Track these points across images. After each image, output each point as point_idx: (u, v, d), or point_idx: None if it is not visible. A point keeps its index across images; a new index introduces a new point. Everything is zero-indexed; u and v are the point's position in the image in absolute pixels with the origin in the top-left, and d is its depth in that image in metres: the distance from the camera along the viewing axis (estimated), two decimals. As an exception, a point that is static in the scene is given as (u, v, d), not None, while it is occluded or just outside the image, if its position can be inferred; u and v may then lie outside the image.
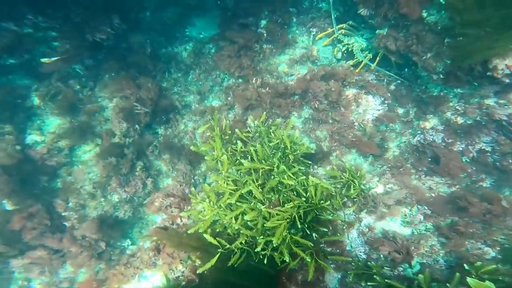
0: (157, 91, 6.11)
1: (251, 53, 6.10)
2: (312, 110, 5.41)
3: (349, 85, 5.27)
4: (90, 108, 6.56)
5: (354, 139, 5.02)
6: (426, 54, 4.46)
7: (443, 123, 4.67)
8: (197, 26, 7.19)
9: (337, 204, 4.24)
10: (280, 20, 6.25)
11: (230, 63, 6.18)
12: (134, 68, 6.50)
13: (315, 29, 6.22)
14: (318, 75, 5.37)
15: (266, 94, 5.54)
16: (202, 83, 6.39)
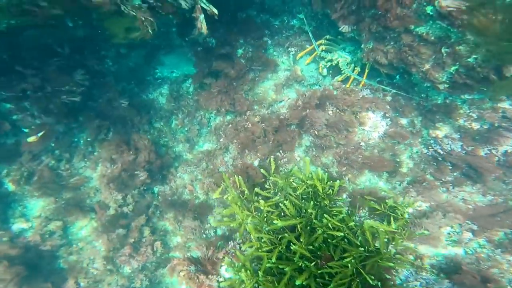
0: (153, 149, 5.61)
1: (235, 84, 5.67)
2: (313, 137, 5.09)
3: (347, 106, 4.97)
4: (74, 183, 6.04)
5: (365, 161, 4.75)
6: (423, 65, 4.20)
7: (457, 131, 4.47)
8: (167, 64, 6.66)
9: (398, 244, 3.74)
10: (257, 46, 5.85)
11: (213, 100, 5.74)
12: (113, 127, 5.96)
13: (293, 48, 5.86)
14: (312, 101, 5.04)
15: (261, 128, 5.16)
16: (188, 128, 5.92)
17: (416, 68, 4.31)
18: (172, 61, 6.66)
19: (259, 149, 5.17)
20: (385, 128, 4.90)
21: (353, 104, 4.94)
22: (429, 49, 4.11)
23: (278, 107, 5.52)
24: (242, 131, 5.31)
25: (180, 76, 6.40)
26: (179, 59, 6.62)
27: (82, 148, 6.08)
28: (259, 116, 5.30)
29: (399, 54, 4.43)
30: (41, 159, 5.97)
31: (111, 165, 5.77)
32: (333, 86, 5.32)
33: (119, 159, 5.72)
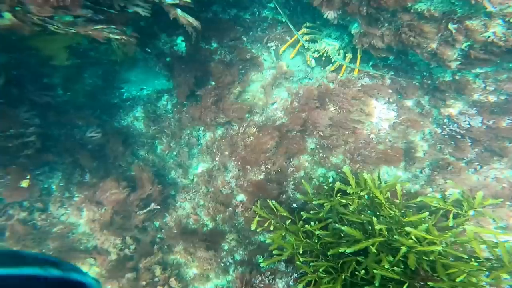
0: (149, 180, 4.96)
1: (219, 94, 5.04)
2: (317, 139, 4.65)
3: (349, 100, 4.53)
4: (59, 231, 5.34)
5: (379, 154, 4.40)
6: (429, 45, 3.80)
7: (472, 106, 4.17)
8: (134, 81, 5.84)
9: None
10: (232, 47, 5.18)
11: (198, 115, 5.10)
12: (89, 165, 5.21)
13: (272, 43, 5.25)
14: (311, 102, 4.55)
15: (261, 140, 4.64)
16: (177, 152, 5.28)
17: (421, 49, 3.91)
18: (138, 77, 5.85)
19: (262, 162, 4.67)
20: (393, 114, 4.53)
21: (355, 96, 4.50)
22: (433, 27, 3.69)
23: (272, 111, 4.99)
24: (241, 147, 4.76)
25: (152, 93, 5.64)
26: (146, 73, 5.81)
27: (56, 194, 5.33)
28: (255, 127, 4.76)
29: (397, 36, 4.00)
30: (8, 214, 5.24)
31: (99, 209, 5.09)
32: (328, 79, 4.84)
33: (106, 200, 5.04)
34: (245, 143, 4.73)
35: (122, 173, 5.20)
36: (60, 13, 3.52)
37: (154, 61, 5.39)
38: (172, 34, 5.18)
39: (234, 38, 5.21)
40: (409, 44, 3.90)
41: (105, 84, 5.66)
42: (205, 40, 5.10)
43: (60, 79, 5.42)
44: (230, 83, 4.89)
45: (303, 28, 5.01)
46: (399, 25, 3.90)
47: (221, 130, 5.13)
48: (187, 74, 5.02)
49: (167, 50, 5.22)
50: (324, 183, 4.78)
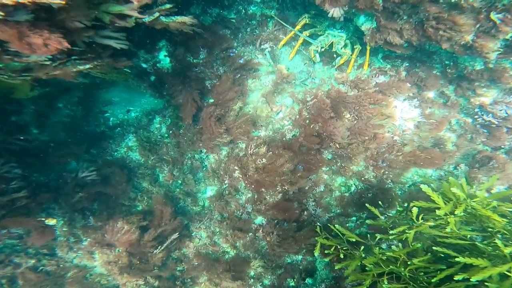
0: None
1: (218, 112, 4.32)
2: (334, 150, 4.08)
3: (366, 104, 3.88)
4: (74, 276, 4.96)
5: (408, 158, 3.87)
6: (463, 38, 3.11)
7: (509, 94, 3.58)
8: (117, 102, 5.06)
9: None
10: (223, 54, 4.38)
11: (199, 137, 4.44)
12: (90, 206, 4.65)
13: (267, 44, 4.44)
14: (323, 111, 3.90)
15: (276, 163, 4.05)
16: (181, 180, 4.68)
17: (451, 43, 3.22)
18: (121, 96, 5.05)
19: (278, 184, 4.13)
20: (417, 112, 3.94)
21: (372, 98, 3.86)
22: (469, 18, 2.98)
23: (278, 122, 4.34)
24: (252, 169, 4.17)
25: (141, 115, 4.89)
26: (129, 91, 5.01)
27: (62, 240, 4.82)
28: (264, 145, 4.14)
29: (419, 30, 3.28)
30: (14, 262, 4.80)
31: (112, 251, 4.60)
32: (337, 80, 4.15)
33: (118, 242, 4.53)
34: (257, 165, 4.14)
35: (127, 210, 4.64)
36: (5, 60, 2.71)
37: (137, 81, 4.59)
38: (152, 49, 4.34)
39: (225, 48, 4.37)
40: (437, 39, 3.21)
41: (85, 112, 4.87)
42: (192, 52, 4.29)
43: (31, 116, 4.60)
44: (231, 99, 4.17)
45: (302, 18, 4.20)
46: (423, 18, 3.17)
47: (226, 150, 4.50)
48: (175, 94, 4.28)
49: (150, 68, 4.40)
50: (346, 192, 4.30)
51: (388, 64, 4.06)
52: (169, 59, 4.29)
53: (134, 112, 4.96)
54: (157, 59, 4.37)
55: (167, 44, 4.30)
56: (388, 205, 4.00)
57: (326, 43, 4.04)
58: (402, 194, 4.09)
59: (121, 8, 2.48)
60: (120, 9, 2.49)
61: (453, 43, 3.20)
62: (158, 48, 4.33)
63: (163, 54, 4.35)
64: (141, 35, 4.27)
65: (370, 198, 4.09)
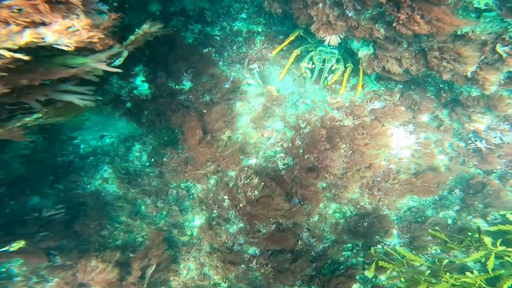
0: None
1: (205, 138, 3.91)
2: (329, 181, 3.81)
3: (362, 133, 3.63)
4: None
5: (404, 186, 3.68)
6: (466, 69, 2.91)
7: (504, 121, 3.46)
8: (88, 127, 4.47)
9: None
10: (206, 74, 3.93)
11: (184, 167, 4.02)
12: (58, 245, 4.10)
13: (255, 64, 4.05)
14: (319, 142, 3.60)
15: (270, 199, 3.73)
16: (166, 211, 4.23)
17: (452, 74, 3.01)
18: (93, 119, 4.46)
19: (272, 218, 3.82)
20: (413, 140, 3.75)
21: (367, 127, 3.61)
22: (474, 50, 2.77)
23: (269, 148, 4.00)
24: (243, 201, 3.83)
25: (117, 141, 4.35)
26: (101, 114, 4.45)
27: (19, 280, 4.24)
28: (256, 176, 3.79)
29: (420, 59, 3.04)
30: None
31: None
32: (331, 106, 3.86)
33: (93, 281, 4.04)
34: (249, 197, 3.80)
35: (103, 246, 4.14)
36: None
37: (111, 108, 4.05)
38: (126, 75, 3.81)
39: (205, 63, 3.92)
40: (439, 70, 2.98)
41: (48, 140, 4.25)
42: (174, 77, 3.81)
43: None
44: (219, 129, 3.76)
45: (298, 30, 3.85)
46: (426, 47, 2.92)
47: (214, 179, 4.11)
48: (156, 122, 3.81)
49: (125, 94, 3.87)
50: (341, 219, 4.08)
51: (382, 86, 3.82)
52: (147, 85, 3.79)
53: (109, 137, 4.40)
54: (134, 85, 3.85)
55: (144, 69, 3.79)
56: (385, 233, 3.83)
57: (316, 59, 3.72)
58: (398, 220, 3.93)
59: (83, 60, 1.99)
60: (83, 62, 2.00)
61: (454, 74, 3.00)
62: (134, 73, 3.81)
63: (140, 79, 3.83)
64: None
65: (366, 226, 3.90)
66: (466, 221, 3.62)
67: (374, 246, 3.86)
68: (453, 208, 3.74)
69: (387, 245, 3.84)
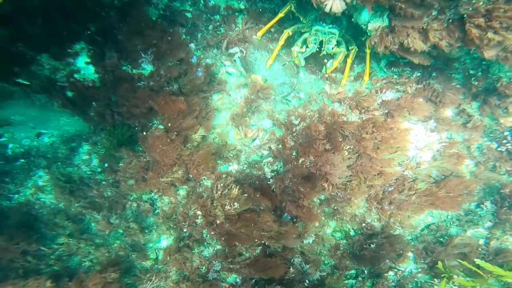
0: None
1: (173, 138, 3.00)
2: (328, 192, 2.98)
3: (371, 131, 2.81)
4: None
5: (422, 197, 2.89)
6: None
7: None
8: (19, 122, 3.43)
9: None
10: (173, 58, 3.04)
11: (143, 174, 3.10)
12: None
13: (236, 47, 3.19)
14: (316, 141, 2.76)
15: (254, 215, 2.86)
16: (123, 229, 3.28)
17: (498, 50, 2.24)
18: (26, 113, 3.43)
19: (257, 240, 2.94)
20: (435, 137, 2.96)
21: (377, 123, 2.80)
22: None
23: (254, 151, 3.14)
24: (221, 216, 2.93)
25: (58, 141, 3.38)
26: (34, 106, 3.43)
27: None
28: (236, 186, 2.90)
29: (455, 30, 2.26)
30: None
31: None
32: (331, 98, 3.04)
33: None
34: (228, 213, 2.90)
35: (32, 273, 3.14)
36: None
37: (45, 98, 3.08)
38: (62, 53, 2.85)
39: (180, 59, 3.01)
40: (480, 44, 2.20)
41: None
42: (129, 59, 2.90)
43: None
44: (189, 127, 2.87)
45: (290, 4, 3.02)
46: (467, 13, 2.14)
47: (185, 190, 3.20)
48: (108, 117, 2.88)
49: (63, 80, 2.92)
50: (342, 239, 3.24)
51: (394, 74, 3.04)
52: (94, 69, 2.85)
53: (49, 136, 3.43)
54: (74, 67, 2.90)
55: (87, 47, 2.85)
56: (398, 257, 3.01)
57: (310, 40, 2.91)
58: (414, 241, 3.12)
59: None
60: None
61: (502, 49, 2.23)
62: (73, 52, 2.86)
63: (84, 60, 2.89)
64: (39, 32, 2.75)
65: (373, 248, 3.07)
66: (503, 241, 2.86)
67: (384, 273, 3.04)
68: (483, 225, 2.97)
69: (401, 271, 3.02)
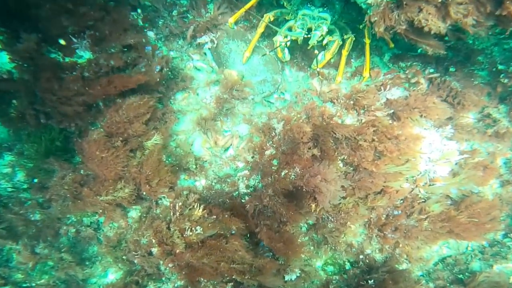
0: None
1: (123, 147, 2.32)
2: (317, 216, 2.30)
3: (372, 138, 2.18)
4: None
5: (437, 224, 2.22)
6: None
7: None
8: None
9: None
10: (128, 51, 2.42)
11: (81, 190, 2.39)
12: None
13: (205, 36, 2.59)
14: (300, 146, 2.13)
15: (222, 241, 2.16)
16: (54, 262, 2.54)
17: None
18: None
19: (226, 274, 2.23)
20: (454, 146, 2.33)
21: (380, 126, 2.17)
22: None
23: (227, 163, 2.48)
24: (180, 245, 2.23)
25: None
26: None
27: None
28: (201, 205, 2.23)
29: (486, 3, 1.69)
30: None
31: None
32: (322, 96, 2.42)
33: None
34: (189, 240, 2.21)
35: None
36: None
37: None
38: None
39: (129, 45, 2.40)
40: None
41: None
42: (57, 43, 2.26)
43: None
44: (139, 134, 2.21)
45: None
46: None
47: (138, 211, 2.50)
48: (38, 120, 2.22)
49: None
50: (335, 274, 2.54)
51: (401, 69, 2.45)
52: (8, 56, 2.20)
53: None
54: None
55: None
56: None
57: (300, 29, 2.32)
58: (426, 278, 2.43)
59: None
60: None
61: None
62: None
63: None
64: None
65: (373, 286, 2.38)
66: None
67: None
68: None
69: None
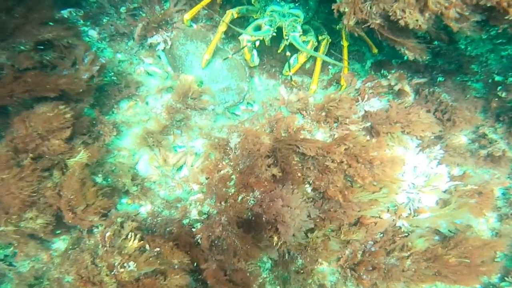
0: None
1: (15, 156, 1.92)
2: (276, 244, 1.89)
3: (345, 158, 1.80)
4: None
5: (423, 263, 1.81)
6: None
7: None
8: None
9: None
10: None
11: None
12: None
13: (157, 36, 2.26)
14: (258, 165, 1.75)
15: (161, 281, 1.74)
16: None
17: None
18: None
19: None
20: (444, 170, 1.94)
21: (356, 145, 1.80)
22: None
23: (180, 186, 2.10)
24: (112, 285, 1.80)
25: None
26: None
27: None
28: (137, 235, 1.82)
29: None
30: None
31: None
32: (291, 106, 2.06)
33: None
34: (120, 279, 1.79)
35: None
36: None
37: None
38: None
39: (47, 39, 2.04)
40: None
41: None
42: None
43: None
44: (58, 148, 1.83)
45: None
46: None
47: (65, 242, 2.10)
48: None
49: None
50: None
51: (383, 78, 2.10)
52: None
53: None
54: None
55: None
56: None
57: (273, 27, 1.99)
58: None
59: None
60: None
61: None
62: None
63: None
64: None
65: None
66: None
67: None
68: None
69: None
